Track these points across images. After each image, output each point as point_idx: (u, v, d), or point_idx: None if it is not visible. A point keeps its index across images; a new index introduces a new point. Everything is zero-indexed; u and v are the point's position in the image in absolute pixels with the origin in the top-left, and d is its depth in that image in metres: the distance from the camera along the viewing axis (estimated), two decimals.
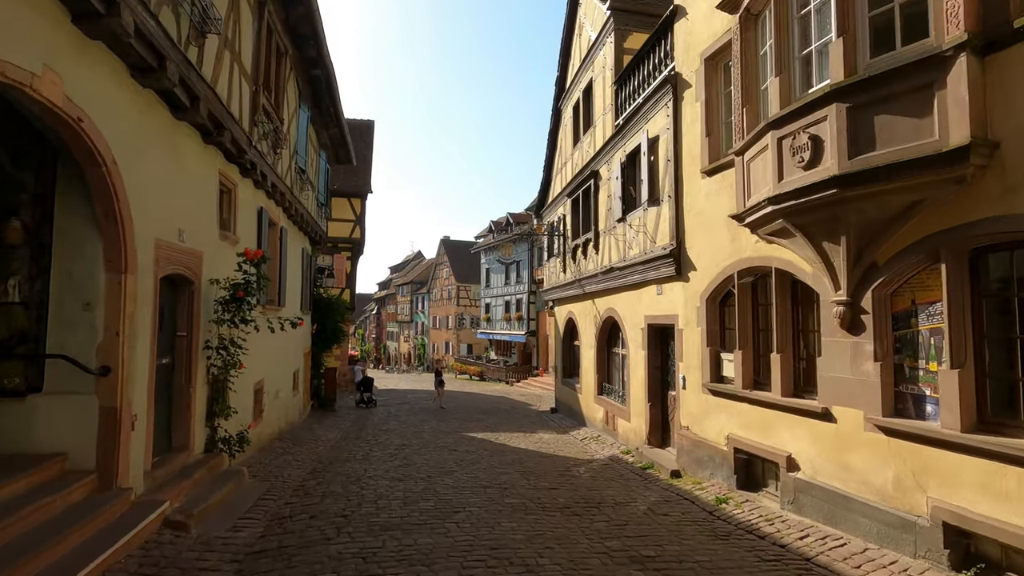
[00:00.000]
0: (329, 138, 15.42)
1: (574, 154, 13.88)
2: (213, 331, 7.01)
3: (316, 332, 17.01)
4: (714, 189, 7.15)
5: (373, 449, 9.83)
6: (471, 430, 12.62)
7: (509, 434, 12.06)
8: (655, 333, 9.17)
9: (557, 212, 15.70)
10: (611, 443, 10.62)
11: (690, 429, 7.62)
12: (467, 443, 10.68)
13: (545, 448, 10.40)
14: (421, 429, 12.56)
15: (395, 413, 16.25)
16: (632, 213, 9.76)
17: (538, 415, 16.19)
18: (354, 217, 25.55)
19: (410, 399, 21.25)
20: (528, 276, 35.46)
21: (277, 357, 11.24)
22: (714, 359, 7.18)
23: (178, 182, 6.18)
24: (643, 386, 9.34)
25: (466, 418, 15.03)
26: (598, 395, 12.12)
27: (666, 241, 8.22)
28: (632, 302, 9.89)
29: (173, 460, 6.14)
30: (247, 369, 8.45)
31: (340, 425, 13.50)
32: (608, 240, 11.10)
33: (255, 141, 8.27)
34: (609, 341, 12.07)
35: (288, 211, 11.62)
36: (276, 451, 9.46)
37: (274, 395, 10.88)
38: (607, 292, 11.31)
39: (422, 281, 61.61)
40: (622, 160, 10.17)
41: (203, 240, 6.83)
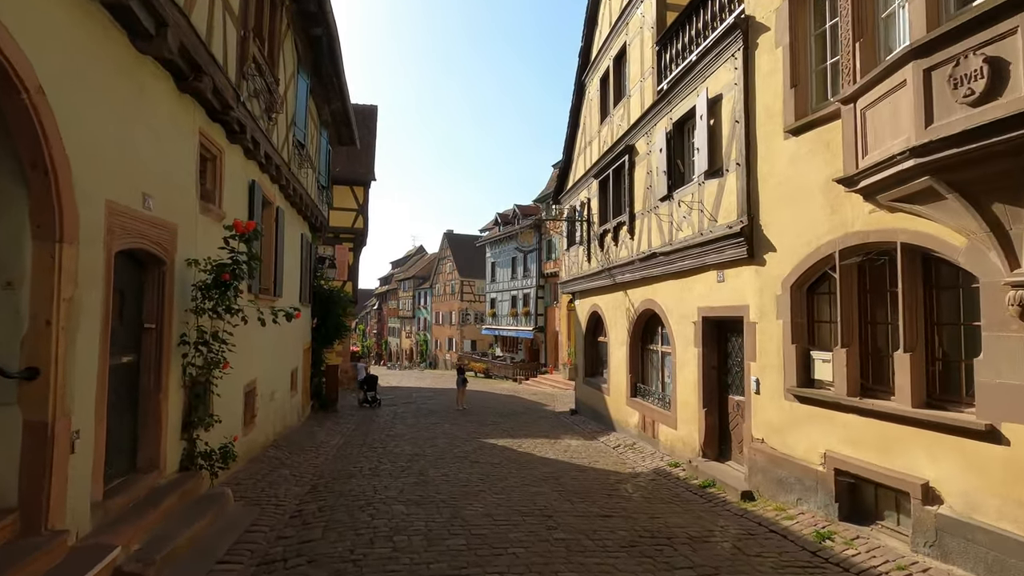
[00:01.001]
0: (331, 114, 14.10)
1: (602, 130, 12.56)
2: (191, 323, 5.73)
3: (316, 327, 15.73)
4: (803, 151, 5.84)
5: (382, 460, 8.55)
6: (489, 435, 11.35)
7: (532, 440, 10.79)
8: (711, 327, 7.88)
9: (580, 196, 14.39)
10: (651, 452, 9.35)
11: (767, 442, 6.34)
12: (488, 452, 9.41)
13: (577, 458, 9.13)
14: (433, 434, 11.29)
15: (401, 415, 14.98)
16: (682, 189, 8.46)
17: (556, 417, 14.92)
18: (356, 206, 24.26)
19: (415, 398, 19.99)
20: (536, 270, 34.16)
21: (272, 354, 9.96)
22: (802, 359, 5.89)
23: (143, 134, 4.89)
24: (695, 389, 8.05)
25: (480, 421, 13.75)
26: (631, 397, 10.84)
27: (732, 218, 6.92)
28: (680, 292, 8.60)
29: (136, 485, 4.86)
30: (235, 368, 7.18)
31: (343, 428, 12.23)
32: (647, 223, 9.80)
33: (244, 97, 6.97)
34: (645, 337, 10.78)
35: (285, 190, 10.33)
36: (270, 462, 8.18)
37: (269, 397, 9.60)
38: (645, 281, 10.01)
39: (424, 276, 60.36)
40: (668, 129, 8.85)
41: (178, 210, 5.54)
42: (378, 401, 17.29)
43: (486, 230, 46.00)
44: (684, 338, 8.48)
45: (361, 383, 17.56)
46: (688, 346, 8.33)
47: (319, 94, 12.77)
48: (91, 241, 4.07)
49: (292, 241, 11.83)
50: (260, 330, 8.91)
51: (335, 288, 16.51)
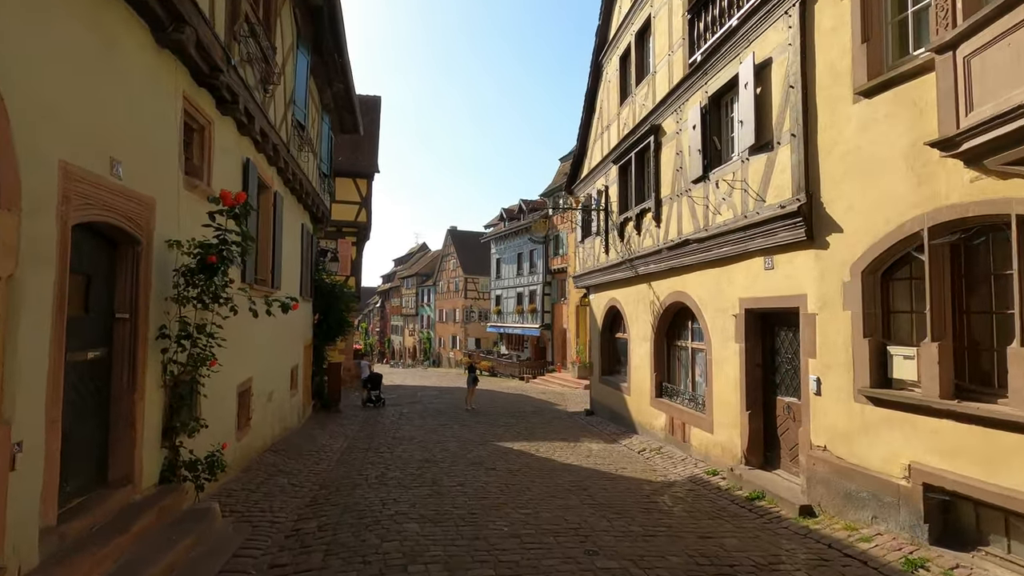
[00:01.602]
0: (333, 97, 13.34)
1: (622, 112, 11.78)
2: (172, 313, 4.97)
3: (318, 323, 14.99)
4: (879, 114, 5.06)
5: (390, 467, 7.79)
6: (502, 438, 10.58)
7: (549, 444, 10.02)
8: (755, 320, 7.09)
9: (596, 184, 13.60)
10: (682, 458, 8.57)
11: (830, 450, 5.55)
12: (504, 457, 8.64)
13: (602, 464, 8.36)
14: (443, 437, 10.53)
15: (407, 415, 14.23)
16: (720, 168, 7.68)
17: (571, 418, 14.15)
18: (360, 199, 23.52)
19: (421, 398, 19.25)
20: (543, 266, 33.38)
21: (270, 351, 9.21)
22: (876, 355, 5.11)
23: (112, 90, 4.14)
24: (736, 389, 7.27)
25: (492, 422, 12.99)
26: (656, 397, 10.07)
27: (785, 196, 6.13)
28: (717, 282, 7.82)
29: (103, 503, 4.11)
30: (225, 366, 6.44)
31: (346, 430, 11.48)
32: (676, 208, 9.01)
33: (235, 61, 6.20)
34: (671, 332, 10.00)
35: (284, 174, 9.57)
36: (267, 469, 7.44)
37: (266, 397, 8.86)
38: (673, 272, 9.23)
39: (427, 273, 59.64)
40: (702, 104, 8.07)
41: (156, 182, 4.78)
42: (382, 401, 16.54)
43: (491, 226, 45.23)
44: (721, 333, 7.70)
45: (365, 382, 16.83)
46: (726, 341, 7.55)
47: (320, 74, 12.01)
48: (38, 209, 3.30)
49: (291, 230, 11.09)
50: (256, 324, 8.15)
51: (337, 282, 15.77)
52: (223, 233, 4.91)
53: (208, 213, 4.96)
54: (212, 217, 4.89)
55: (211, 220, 4.90)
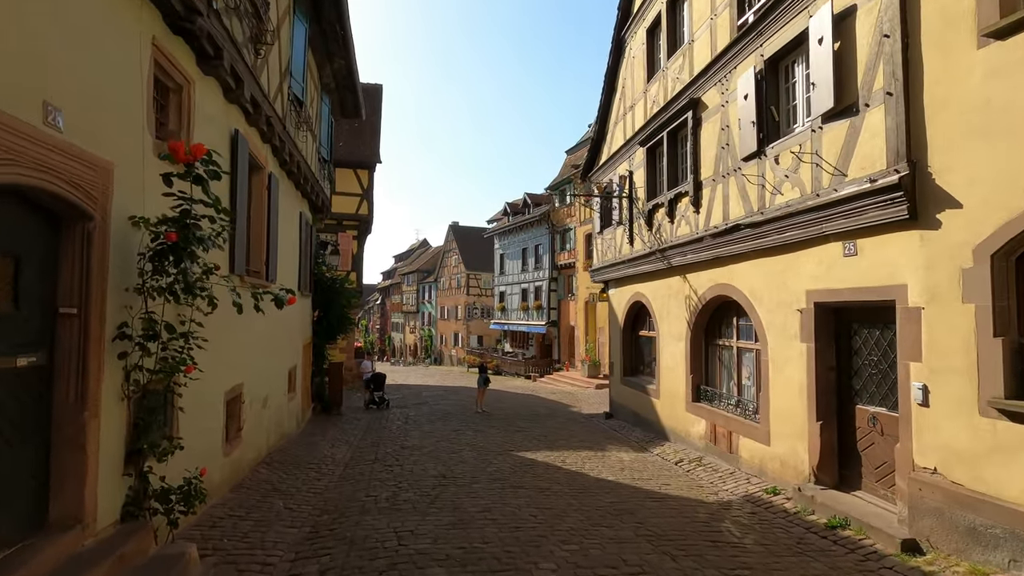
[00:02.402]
0: (333, 75, 12.32)
1: (649, 89, 10.76)
2: (136, 308, 3.98)
3: (318, 319, 14.00)
4: (1014, 58, 4.06)
5: (401, 484, 6.80)
6: (521, 446, 9.60)
7: (575, 454, 9.04)
8: (827, 316, 6.11)
9: (618, 170, 12.60)
10: (729, 471, 7.59)
11: (943, 473, 4.57)
12: (529, 471, 7.66)
13: (641, 479, 7.38)
14: (457, 445, 9.55)
15: (414, 419, 13.25)
16: (781, 142, 6.67)
17: (589, 422, 13.18)
18: (361, 191, 22.52)
19: (426, 398, 18.28)
20: (549, 261, 32.37)
21: (265, 351, 8.23)
22: (1012, 358, 4.12)
23: (48, 20, 3.15)
24: (802, 395, 6.29)
25: (506, 426, 12.02)
26: (693, 402, 9.09)
27: (878, 167, 5.14)
28: (776, 272, 6.83)
29: (39, 554, 3.13)
30: (209, 371, 5.46)
31: (349, 437, 10.50)
32: (721, 190, 8.02)
33: (217, 4, 5.19)
34: (711, 329, 9.02)
35: (280, 154, 8.57)
36: (260, 486, 6.46)
37: (260, 404, 7.88)
38: (717, 262, 8.24)
39: (429, 270, 58.65)
40: (757, 70, 7.06)
41: (116, 144, 3.79)
42: (386, 402, 15.57)
43: (494, 221, 44.22)
44: (781, 330, 6.71)
45: (367, 382, 15.86)
46: (788, 340, 6.56)
47: (319, 48, 10.99)
48: None
49: (289, 219, 10.09)
50: (247, 322, 7.18)
51: (339, 276, 14.77)
52: (188, 203, 3.88)
53: (164, 177, 3.89)
54: (168, 181, 3.83)
55: (167, 184, 3.82)
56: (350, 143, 22.68)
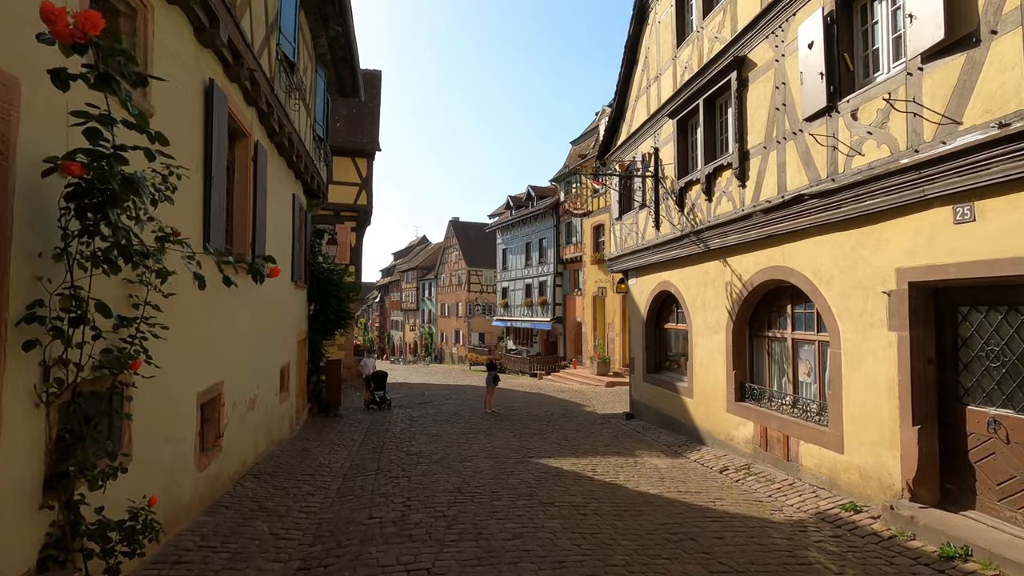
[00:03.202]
0: (329, 44, 11.25)
1: (680, 55, 9.71)
2: (56, 281, 2.92)
3: (314, 313, 12.96)
4: None
5: (411, 501, 5.75)
6: (542, 451, 8.56)
7: (603, 461, 8.01)
8: (925, 298, 5.07)
9: (640, 148, 11.55)
10: (787, 482, 6.56)
11: None
12: (557, 483, 6.61)
13: (688, 493, 6.34)
14: (469, 451, 8.50)
15: (419, 420, 12.20)
16: (860, 93, 5.63)
17: (608, 422, 12.15)
18: (360, 180, 21.48)
19: (430, 398, 17.24)
20: (554, 256, 31.32)
21: (253, 344, 7.19)
22: None
23: None
24: (892, 394, 5.25)
25: (520, 428, 10.98)
26: (737, 401, 8.05)
27: (1013, 108, 4.09)
28: (850, 248, 5.79)
29: None
30: (175, 367, 4.47)
31: (348, 442, 9.46)
32: (775, 158, 6.98)
33: None
34: (757, 319, 7.99)
35: (267, 121, 7.52)
36: (242, 505, 5.42)
37: (246, 405, 6.83)
38: (769, 242, 7.21)
39: (429, 267, 57.64)
40: (826, 12, 6.01)
41: (23, 57, 2.74)
42: (388, 402, 14.54)
43: (495, 215, 43.18)
44: (859, 317, 5.67)
45: (368, 380, 14.81)
46: (870, 329, 5.53)
47: (313, 10, 9.92)
48: None
49: (279, 199, 9.05)
50: (229, 311, 6.14)
51: (336, 267, 13.71)
52: (100, 122, 2.74)
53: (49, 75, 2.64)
54: (60, 81, 2.58)
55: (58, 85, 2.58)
56: (348, 130, 21.63)
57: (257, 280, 3.68)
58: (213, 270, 4.83)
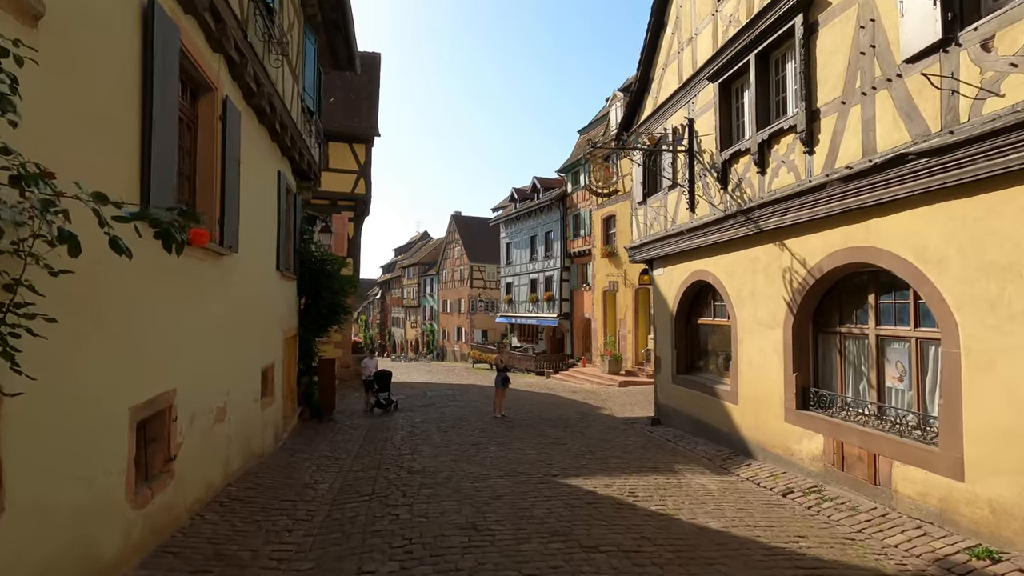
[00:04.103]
0: (319, 6, 9.97)
1: (722, 8, 8.41)
2: None
3: (306, 308, 11.71)
4: None
5: (412, 547, 4.46)
6: (566, 467, 7.30)
7: (641, 479, 6.75)
8: None
9: (670, 121, 10.27)
10: (879, 513, 5.30)
11: None
12: (595, 513, 5.34)
13: (757, 528, 5.07)
14: (483, 468, 7.23)
15: (422, 427, 10.96)
16: (995, 17, 4.34)
17: (632, 428, 10.90)
18: (357, 167, 20.21)
19: (432, 399, 16.02)
20: (561, 249, 30.04)
21: (223, 344, 5.94)
22: None
23: None
24: None
25: (536, 436, 9.72)
26: (799, 409, 6.80)
27: None
28: (976, 219, 4.52)
29: None
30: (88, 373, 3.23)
31: (341, 454, 8.22)
32: (857, 115, 5.71)
33: None
34: (826, 311, 6.72)
35: (240, 74, 6.25)
36: (193, 555, 4.16)
37: (211, 417, 5.58)
38: (843, 218, 5.94)
39: (430, 262, 56.42)
40: None
41: None
42: (394, 403, 13.32)
43: (499, 208, 41.89)
44: (990, 308, 4.41)
45: (369, 383, 13.50)
46: (1007, 323, 4.26)
47: None
48: None
49: (260, 174, 7.81)
50: (182, 301, 4.89)
51: (330, 256, 12.44)
52: None
53: None
54: None
55: None
56: (345, 115, 20.33)
57: (172, 250, 2.39)
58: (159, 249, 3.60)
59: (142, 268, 3.71)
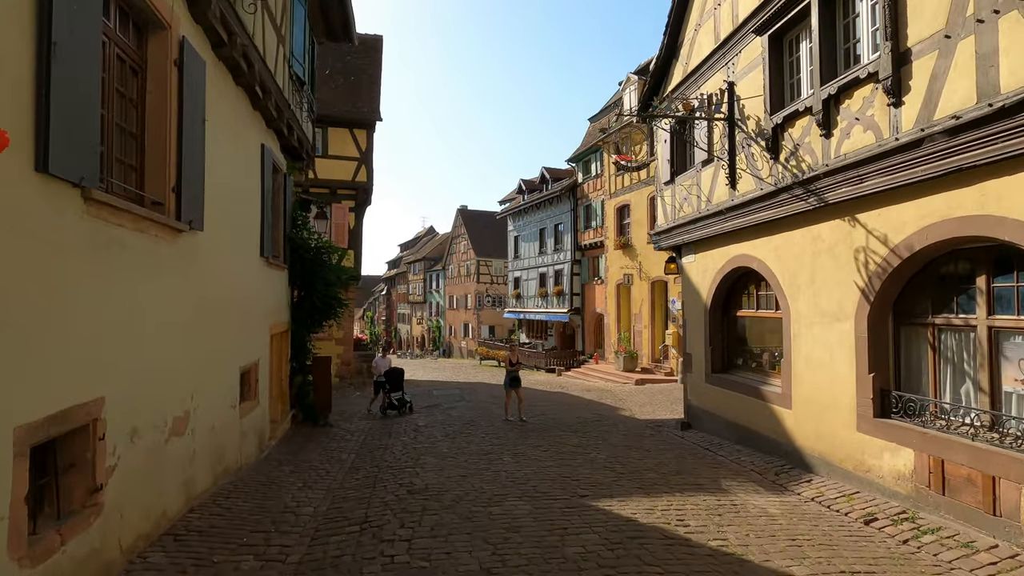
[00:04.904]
0: None
1: None
2: None
3: (298, 301, 10.64)
4: None
5: None
6: (591, 482, 6.18)
7: (688, 500, 5.62)
8: None
9: (704, 88, 9.09)
10: (1006, 553, 4.16)
11: None
12: (637, 553, 4.21)
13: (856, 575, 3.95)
14: (497, 487, 6.12)
15: (426, 431, 9.89)
16: None
17: (659, 433, 9.78)
18: (358, 154, 19.11)
19: (438, 398, 14.95)
20: (571, 242, 28.86)
21: (184, 339, 4.86)
22: None
23: None
24: None
25: (554, 443, 8.60)
26: (878, 417, 5.65)
27: None
28: None
29: None
30: None
31: (332, 467, 7.15)
32: (967, 51, 4.55)
33: None
34: (913, 299, 5.57)
35: (201, 14, 5.13)
36: None
37: (165, 431, 4.49)
38: (947, 181, 4.78)
39: (436, 258, 55.37)
40: None
41: None
42: (408, 404, 12.23)
43: (506, 201, 40.74)
44: None
45: (381, 383, 12.28)
46: None
47: None
48: None
49: (239, 145, 6.74)
50: (117, 284, 3.81)
51: (327, 244, 11.35)
52: None
53: None
54: None
55: None
56: (346, 99, 19.22)
57: None
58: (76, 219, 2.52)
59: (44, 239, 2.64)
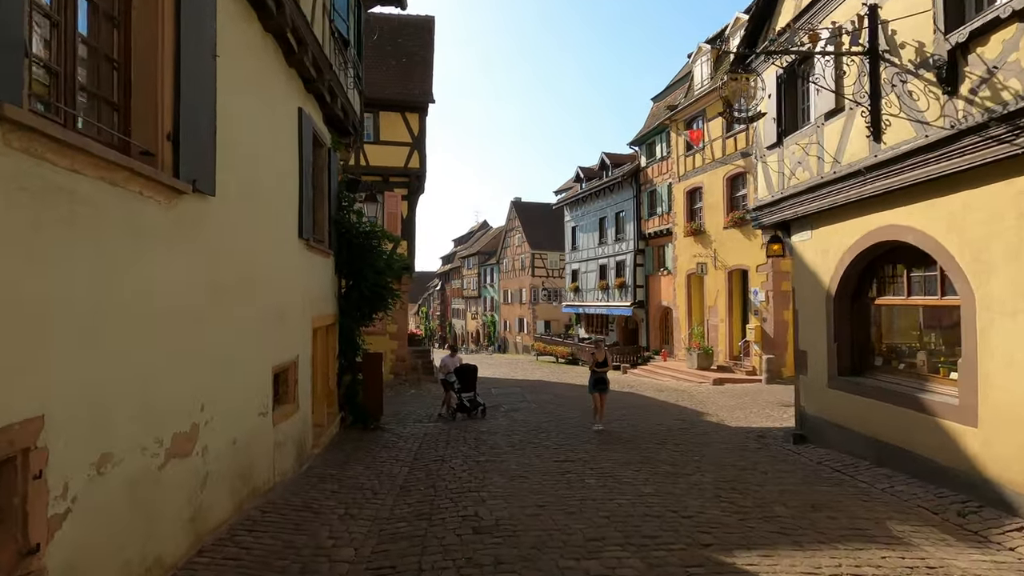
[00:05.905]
0: None
1: None
2: None
3: (346, 291, 9.60)
4: None
5: None
6: (709, 523, 4.66)
7: (857, 559, 4.04)
8: None
9: (828, 20, 7.30)
10: None
11: None
12: None
13: None
14: (588, 528, 4.69)
15: (488, 437, 8.60)
16: None
17: (766, 447, 8.10)
18: (411, 139, 18.09)
19: (499, 398, 13.72)
20: (634, 231, 26.97)
21: (171, 337, 3.66)
22: None
23: None
24: None
25: (644, 458, 7.11)
26: None
27: None
28: None
29: None
30: None
31: (381, 485, 5.93)
32: None
33: None
34: None
35: None
36: None
37: (156, 458, 3.26)
38: None
39: (490, 251, 54.48)
40: None
41: None
42: (481, 407, 11.05)
43: (563, 191, 39.17)
44: None
45: (449, 382, 11.09)
46: None
47: None
48: None
49: (268, 102, 5.58)
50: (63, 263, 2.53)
51: (377, 229, 10.23)
52: None
53: None
54: None
55: None
56: (397, 81, 18.23)
57: None
58: None
59: None
